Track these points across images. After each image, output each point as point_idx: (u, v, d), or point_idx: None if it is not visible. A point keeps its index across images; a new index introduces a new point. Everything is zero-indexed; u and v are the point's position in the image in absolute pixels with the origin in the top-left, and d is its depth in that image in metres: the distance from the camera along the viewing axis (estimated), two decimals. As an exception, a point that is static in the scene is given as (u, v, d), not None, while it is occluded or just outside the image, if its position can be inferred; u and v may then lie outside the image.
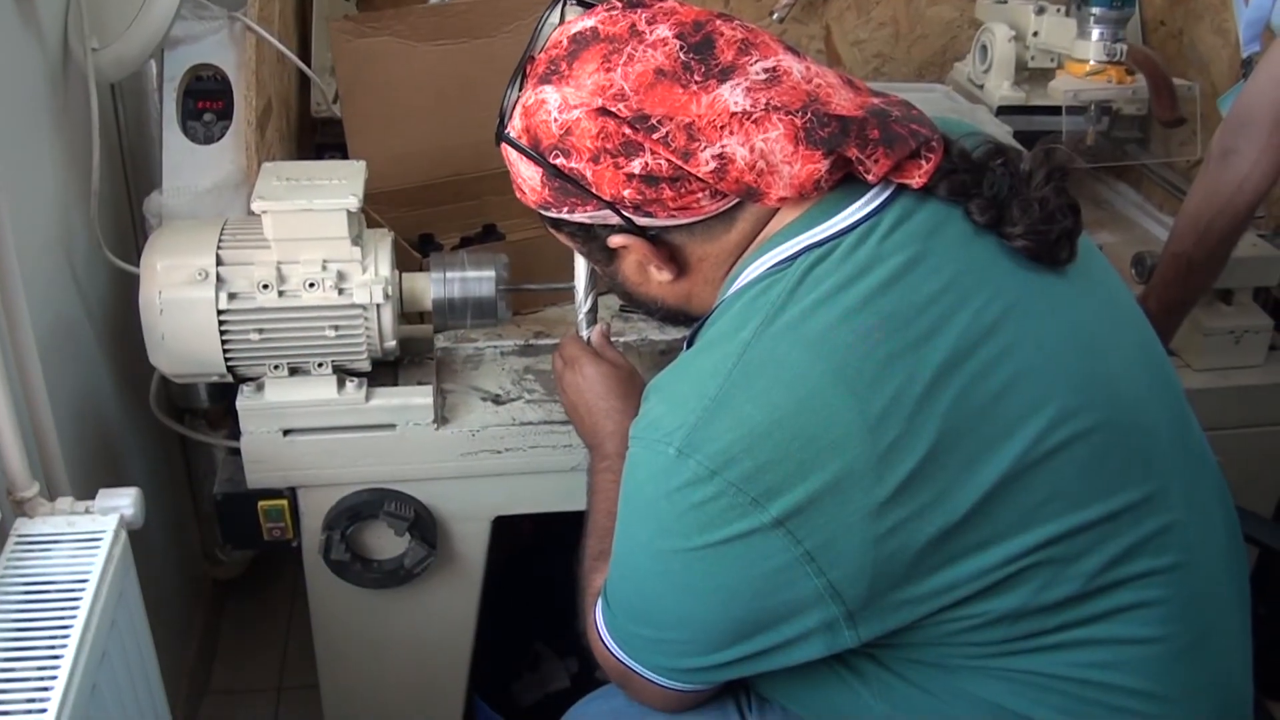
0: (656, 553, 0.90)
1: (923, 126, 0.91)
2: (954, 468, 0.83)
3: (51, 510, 1.11)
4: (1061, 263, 0.92)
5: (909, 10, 2.17)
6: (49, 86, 1.31)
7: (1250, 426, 1.53)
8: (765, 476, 0.83)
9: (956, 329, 0.86)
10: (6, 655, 0.94)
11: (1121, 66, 1.78)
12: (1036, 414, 0.85)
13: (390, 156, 1.60)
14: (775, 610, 0.87)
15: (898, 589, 0.85)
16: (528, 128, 0.95)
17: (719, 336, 0.90)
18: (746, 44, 0.92)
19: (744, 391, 0.85)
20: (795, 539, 0.83)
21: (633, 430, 0.92)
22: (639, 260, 1.00)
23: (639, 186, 0.92)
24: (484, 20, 1.63)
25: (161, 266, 1.20)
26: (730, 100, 0.89)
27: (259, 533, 1.37)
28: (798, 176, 0.90)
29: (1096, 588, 0.87)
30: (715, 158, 0.89)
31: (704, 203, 0.93)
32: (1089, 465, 0.86)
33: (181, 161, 1.49)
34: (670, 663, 0.96)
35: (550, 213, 0.99)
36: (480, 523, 1.41)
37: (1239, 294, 1.51)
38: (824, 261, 0.89)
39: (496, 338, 1.50)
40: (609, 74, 0.91)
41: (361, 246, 1.23)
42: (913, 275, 0.87)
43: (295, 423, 1.30)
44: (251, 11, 1.50)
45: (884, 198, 0.91)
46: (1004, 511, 0.84)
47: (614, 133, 0.90)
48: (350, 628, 1.48)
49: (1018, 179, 0.91)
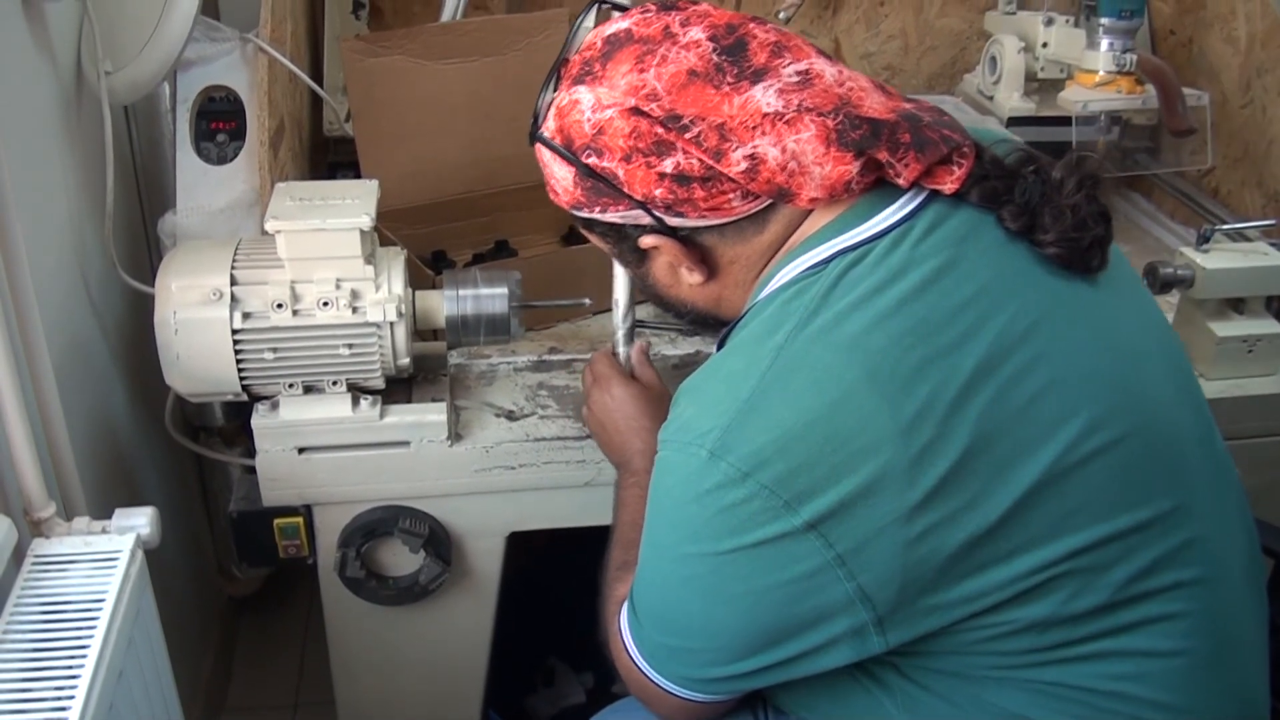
0: (684, 557, 0.89)
1: (954, 132, 0.91)
2: (986, 473, 0.83)
3: (68, 530, 1.12)
4: (1093, 270, 0.92)
5: (918, 22, 2.17)
6: (63, 109, 1.32)
7: (1265, 436, 1.52)
8: (798, 479, 0.83)
9: (990, 335, 0.85)
10: (25, 675, 0.94)
11: (1131, 76, 1.77)
12: (1069, 421, 0.85)
13: (402, 174, 1.61)
14: (804, 616, 0.86)
15: (928, 594, 0.84)
16: (561, 128, 0.95)
17: (752, 339, 0.90)
18: (779, 46, 0.92)
19: (778, 394, 0.85)
20: (827, 543, 0.83)
21: (662, 434, 0.91)
22: (670, 262, 1.01)
23: (671, 186, 0.92)
24: (494, 39, 1.64)
25: (176, 286, 1.21)
26: (763, 101, 0.89)
27: (275, 550, 1.37)
28: (829, 178, 0.89)
29: (1124, 599, 0.86)
30: (747, 158, 0.89)
31: (735, 203, 0.93)
32: (1119, 475, 0.86)
33: (195, 182, 1.50)
34: (694, 673, 0.95)
35: (582, 213, 0.99)
36: (495, 539, 1.41)
37: (1251, 303, 1.50)
38: (858, 265, 0.88)
39: (510, 354, 1.51)
40: (642, 74, 0.91)
41: (375, 265, 1.23)
42: (946, 281, 0.87)
43: (310, 440, 1.30)
44: (263, 32, 1.51)
45: (917, 203, 0.91)
46: (1035, 519, 0.84)
47: (646, 132, 0.90)
48: (366, 644, 1.48)
49: (1049, 186, 0.91)
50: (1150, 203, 2.03)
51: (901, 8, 2.17)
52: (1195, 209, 1.91)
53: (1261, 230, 1.62)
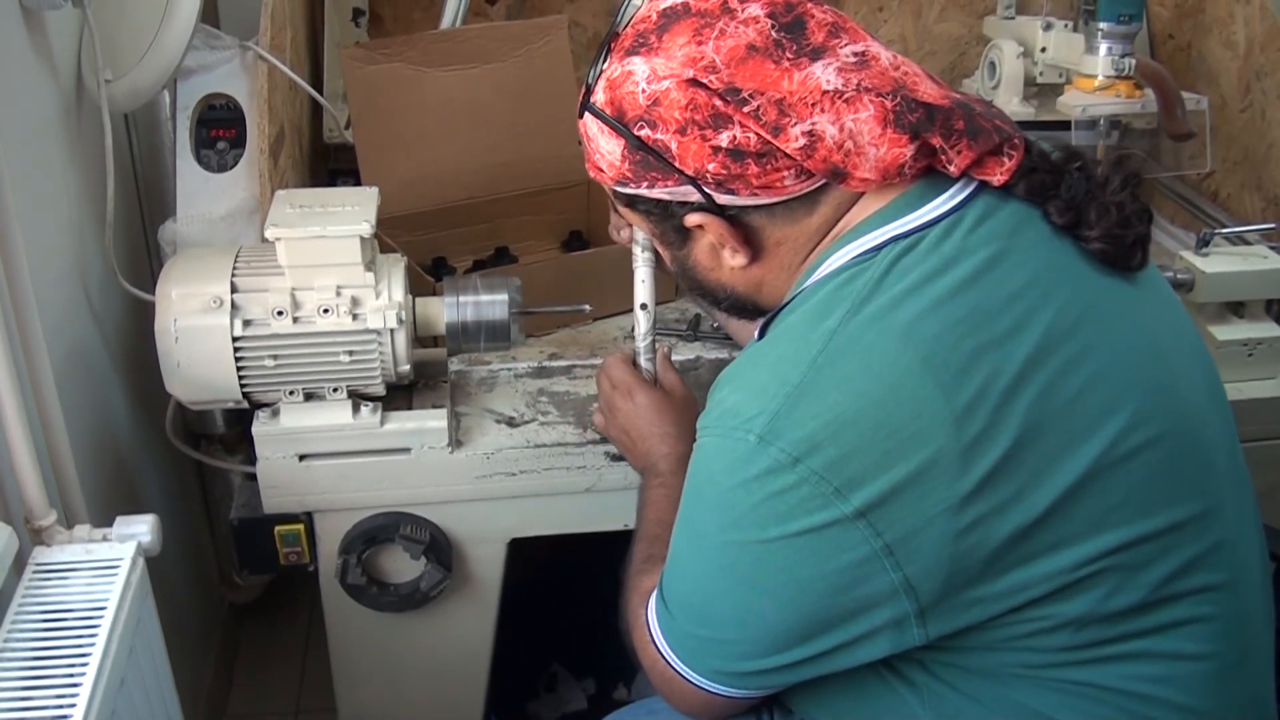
0: (725, 545, 0.88)
1: (1005, 124, 0.91)
2: (1035, 465, 0.82)
3: (69, 538, 1.12)
4: (1134, 268, 0.92)
5: (917, 28, 2.18)
6: (63, 118, 1.33)
7: (1265, 440, 1.52)
8: (849, 465, 0.82)
9: (1041, 325, 0.85)
10: (26, 683, 0.94)
11: (1130, 81, 1.77)
12: (1114, 416, 0.85)
13: (402, 181, 1.61)
14: (846, 607, 0.85)
15: (971, 587, 0.84)
16: (613, 99, 0.94)
17: (802, 324, 0.89)
18: (836, 27, 0.92)
19: (829, 378, 0.84)
20: (875, 531, 0.82)
21: (702, 422, 0.90)
22: (713, 242, 0.99)
23: (725, 160, 0.91)
24: (494, 46, 1.64)
25: (176, 294, 1.21)
26: (823, 79, 0.89)
27: (276, 557, 1.37)
28: (883, 159, 0.89)
29: (1158, 599, 0.86)
30: (805, 134, 0.88)
31: (788, 181, 0.91)
32: (1159, 472, 0.86)
33: (195, 189, 1.50)
34: (727, 665, 0.94)
35: (628, 188, 0.98)
36: (496, 545, 1.41)
37: (1251, 306, 1.50)
38: (911, 253, 0.88)
39: (510, 360, 1.51)
40: (700, 46, 0.90)
41: (375, 272, 1.23)
42: (998, 270, 0.87)
43: (311, 448, 1.30)
44: (263, 40, 1.51)
45: (967, 194, 0.90)
46: (1081, 512, 0.83)
47: (704, 104, 0.89)
48: (367, 651, 1.48)
49: (1094, 183, 0.91)
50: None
51: (900, 13, 2.17)
52: (1195, 213, 1.92)
53: (1261, 234, 1.62)
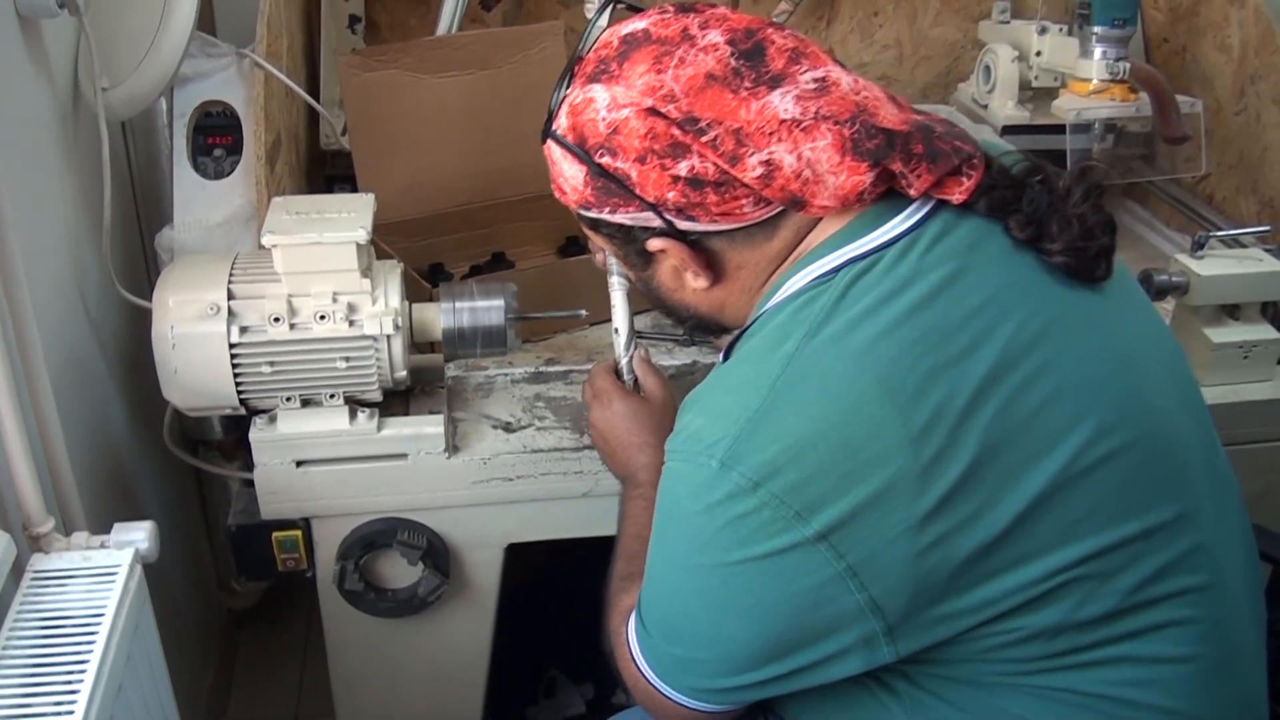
0: (694, 568, 0.89)
1: (965, 143, 0.92)
2: (995, 481, 0.83)
3: (67, 545, 1.12)
4: (1099, 279, 0.92)
5: (912, 32, 2.18)
6: (60, 125, 1.33)
7: (1262, 441, 1.53)
8: (809, 489, 0.83)
9: (998, 343, 0.86)
10: (24, 691, 0.94)
11: (1125, 84, 1.77)
12: (1076, 429, 0.85)
13: (399, 187, 1.61)
14: (814, 627, 0.86)
15: (937, 604, 0.84)
16: (574, 125, 0.94)
17: (762, 348, 0.90)
18: (797, 53, 0.92)
19: (788, 403, 0.85)
20: (838, 553, 0.83)
21: (669, 445, 0.91)
22: (675, 265, 1.00)
23: (684, 189, 0.91)
24: (489, 52, 1.64)
25: (173, 301, 1.21)
26: (780, 107, 0.89)
27: (274, 564, 1.37)
28: (842, 187, 0.89)
29: (1132, 605, 0.86)
30: (762, 164, 0.89)
31: (747, 209, 0.92)
32: (1126, 481, 0.86)
33: (192, 197, 1.50)
34: (702, 683, 0.95)
35: (590, 213, 0.98)
36: (493, 550, 1.42)
37: (1246, 309, 1.50)
38: (867, 275, 0.89)
39: (507, 365, 1.51)
40: (660, 75, 0.90)
41: (371, 278, 1.23)
42: (954, 290, 0.87)
43: (308, 454, 1.31)
44: (259, 48, 1.51)
45: (924, 212, 0.91)
46: (1043, 526, 0.84)
47: (662, 133, 0.90)
48: (365, 657, 1.49)
49: (1056, 196, 0.91)
50: (1146, 210, 2.04)
51: (896, 18, 2.17)
52: (1190, 216, 1.92)
53: (1256, 236, 1.62)
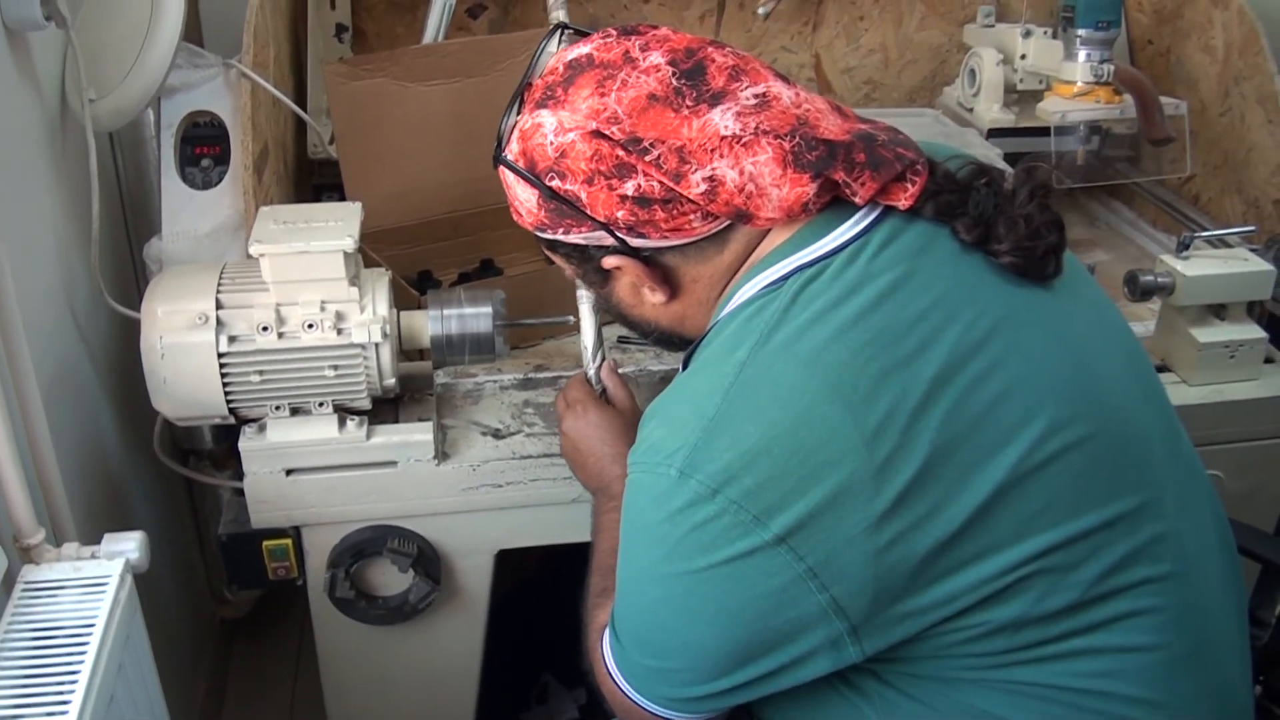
0: (660, 577, 0.90)
1: (908, 150, 0.93)
2: (950, 479, 0.84)
3: (57, 556, 1.12)
4: (1048, 278, 0.94)
5: (898, 37, 2.19)
6: (48, 137, 1.33)
7: (1248, 440, 1.53)
8: (765, 494, 0.84)
9: (947, 343, 0.87)
10: (15, 702, 0.94)
11: (1109, 87, 1.78)
12: (1029, 425, 0.86)
13: (387, 195, 1.61)
14: (779, 630, 0.87)
15: (899, 602, 0.86)
16: (524, 150, 0.97)
17: (714, 357, 0.92)
18: (737, 70, 0.94)
19: (742, 410, 0.86)
20: (797, 555, 0.84)
21: (631, 457, 0.93)
22: (633, 282, 1.02)
23: (632, 208, 0.93)
24: (476, 60, 1.65)
25: (162, 311, 1.21)
26: (720, 124, 0.91)
27: (264, 572, 1.37)
28: (786, 199, 0.91)
29: (1095, 596, 0.88)
30: (706, 180, 0.91)
31: (696, 224, 0.94)
32: (1083, 474, 0.88)
33: (180, 207, 1.51)
34: (675, 692, 0.96)
35: (546, 234, 1.01)
36: (483, 557, 1.42)
37: (1232, 308, 1.51)
38: (815, 281, 0.90)
39: (496, 372, 1.51)
40: (603, 98, 0.93)
41: (359, 286, 1.24)
42: (902, 293, 0.89)
43: (298, 462, 1.31)
44: (246, 58, 1.51)
45: (871, 219, 0.93)
46: (1001, 521, 0.85)
47: (608, 155, 0.92)
48: (357, 664, 1.49)
49: (1002, 198, 0.93)
50: (1131, 211, 2.05)
51: (881, 22, 2.18)
52: (1176, 216, 1.93)
53: (1241, 236, 1.63)
